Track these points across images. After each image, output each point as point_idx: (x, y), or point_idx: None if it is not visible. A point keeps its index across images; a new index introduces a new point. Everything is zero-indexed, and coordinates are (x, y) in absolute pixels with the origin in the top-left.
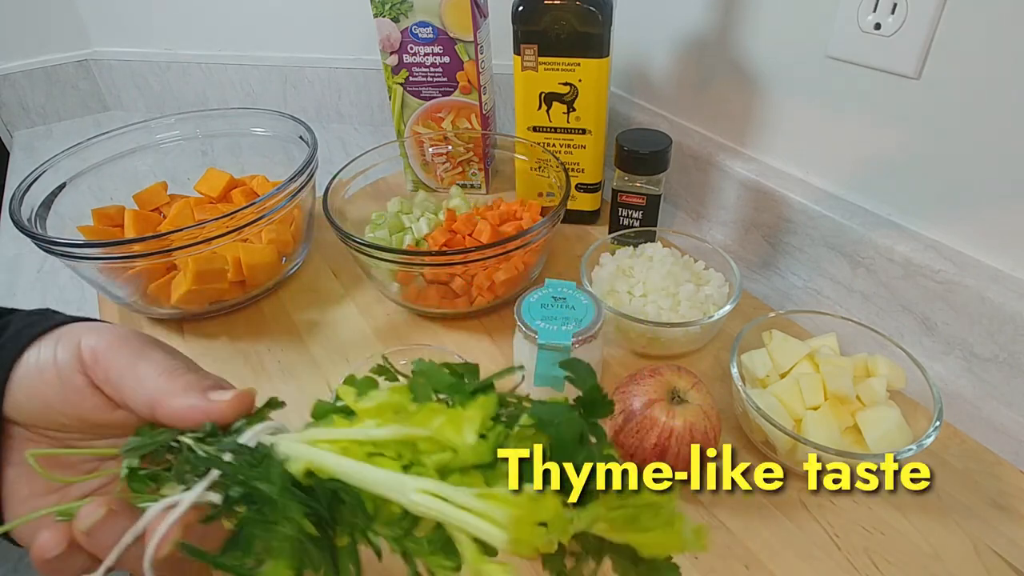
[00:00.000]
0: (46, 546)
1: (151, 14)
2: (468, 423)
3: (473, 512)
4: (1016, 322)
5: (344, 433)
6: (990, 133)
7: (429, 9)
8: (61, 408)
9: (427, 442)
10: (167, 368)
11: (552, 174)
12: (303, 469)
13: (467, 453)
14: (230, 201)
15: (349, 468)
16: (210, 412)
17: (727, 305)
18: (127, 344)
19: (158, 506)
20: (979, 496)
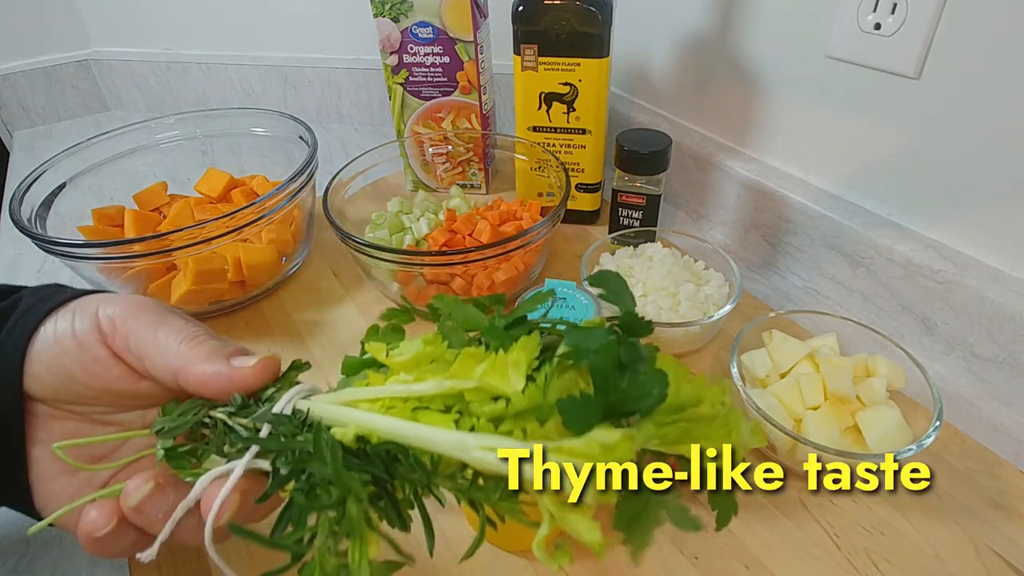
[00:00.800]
0: (96, 524)
1: (151, 14)
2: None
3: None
4: (1016, 322)
5: (384, 391)
6: (990, 133)
7: (429, 9)
8: (84, 380)
9: (474, 392)
10: (188, 334)
11: (552, 174)
12: (353, 435)
13: (519, 400)
14: (230, 201)
15: (404, 430)
16: (234, 378)
17: (727, 305)
18: (146, 312)
19: (209, 476)
20: (979, 496)
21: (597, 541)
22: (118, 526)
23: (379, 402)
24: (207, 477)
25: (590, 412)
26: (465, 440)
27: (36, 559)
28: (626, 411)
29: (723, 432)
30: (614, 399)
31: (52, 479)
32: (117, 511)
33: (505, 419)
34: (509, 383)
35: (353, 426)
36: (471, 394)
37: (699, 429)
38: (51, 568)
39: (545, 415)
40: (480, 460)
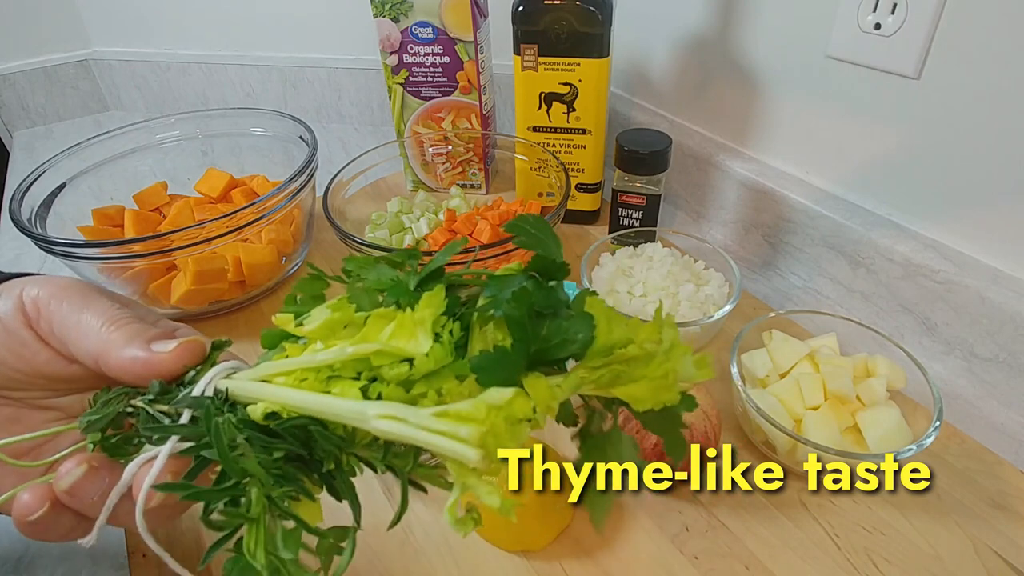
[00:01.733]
0: (28, 508)
1: (151, 14)
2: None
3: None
4: (1016, 322)
5: (296, 362)
6: (990, 133)
7: (429, 9)
8: (14, 364)
9: (380, 356)
10: (111, 317)
11: (552, 174)
12: (261, 414)
13: (423, 363)
14: (230, 201)
15: (306, 402)
16: (152, 364)
17: (727, 305)
18: (71, 293)
19: (138, 461)
20: (979, 496)
21: (496, 504)
22: (51, 510)
23: (293, 374)
24: (136, 462)
25: (507, 366)
26: (364, 409)
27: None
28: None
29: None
30: (536, 348)
31: None
32: (49, 495)
33: (415, 382)
34: (417, 343)
35: (261, 403)
36: (378, 358)
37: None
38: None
39: (465, 372)
40: (378, 429)
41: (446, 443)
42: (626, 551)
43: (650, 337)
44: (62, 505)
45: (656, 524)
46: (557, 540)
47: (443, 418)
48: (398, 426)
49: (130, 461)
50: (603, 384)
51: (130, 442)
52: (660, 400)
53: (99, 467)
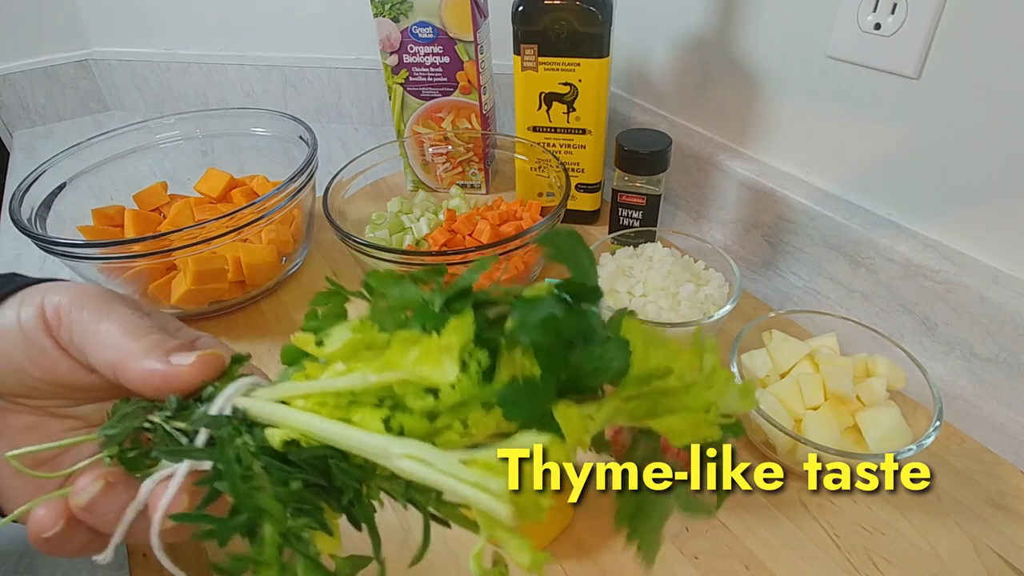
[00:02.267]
0: (43, 524)
1: (151, 14)
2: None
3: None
4: (1016, 322)
5: (316, 386)
6: (990, 133)
7: (429, 9)
8: (34, 373)
9: (404, 385)
10: (131, 327)
11: (552, 174)
12: (280, 441)
13: (450, 395)
14: (230, 201)
15: (327, 430)
16: (169, 377)
17: (727, 305)
18: (92, 301)
19: (154, 478)
20: (979, 496)
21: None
22: (67, 526)
23: (312, 398)
24: (153, 479)
25: (535, 399)
26: (388, 447)
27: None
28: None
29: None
30: (567, 377)
31: (10, 475)
32: (66, 511)
33: (440, 413)
34: (443, 371)
35: (281, 430)
36: (401, 387)
37: (672, 400)
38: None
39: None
40: (401, 469)
41: (474, 494)
42: (626, 551)
43: (690, 365)
44: (77, 521)
45: None
46: (557, 540)
47: (472, 467)
48: (423, 469)
49: (148, 476)
50: (638, 415)
51: (148, 456)
52: (700, 435)
53: (116, 483)
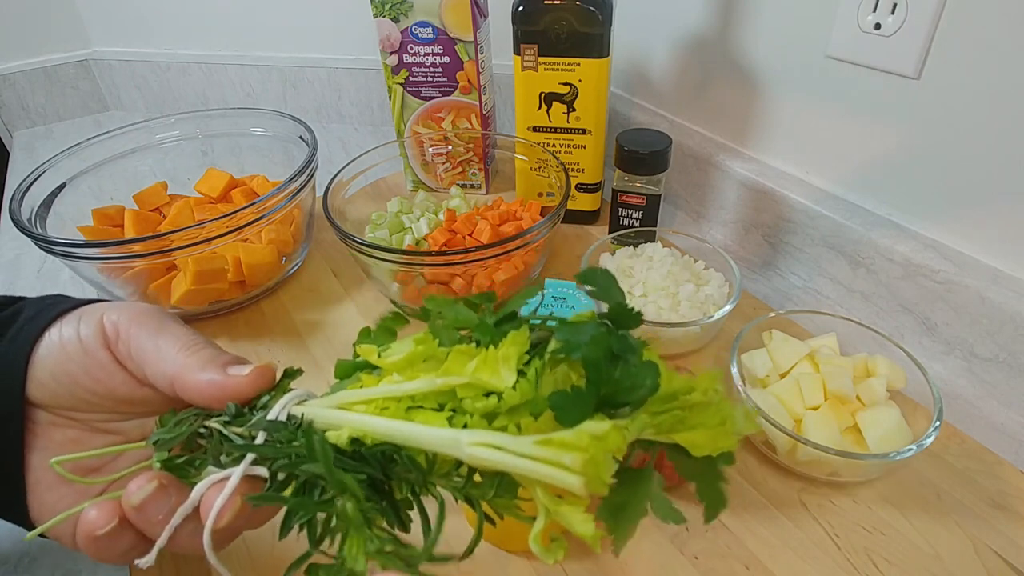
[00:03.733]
0: (96, 523)
1: (151, 14)
2: (504, 364)
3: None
4: (1016, 322)
5: (377, 391)
6: (990, 133)
7: (429, 9)
8: (88, 385)
9: (466, 389)
10: (187, 343)
11: (552, 174)
12: (347, 437)
13: (511, 396)
14: (230, 201)
15: (397, 429)
16: (227, 387)
17: (727, 305)
18: (149, 319)
19: (208, 480)
20: (979, 496)
21: (591, 533)
22: (118, 526)
23: (373, 403)
24: (207, 481)
25: (582, 405)
26: (458, 437)
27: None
28: (619, 402)
29: (717, 418)
30: (607, 391)
31: (49, 488)
32: (117, 511)
33: (498, 415)
34: (500, 378)
35: (347, 428)
36: (463, 391)
37: (693, 416)
38: (52, 568)
39: (539, 409)
40: (473, 456)
41: (548, 470)
42: (626, 551)
43: (708, 386)
44: (128, 522)
45: (656, 524)
46: None
47: (546, 446)
48: (495, 454)
49: (197, 481)
50: (664, 429)
51: (193, 465)
52: (718, 446)
53: (168, 485)
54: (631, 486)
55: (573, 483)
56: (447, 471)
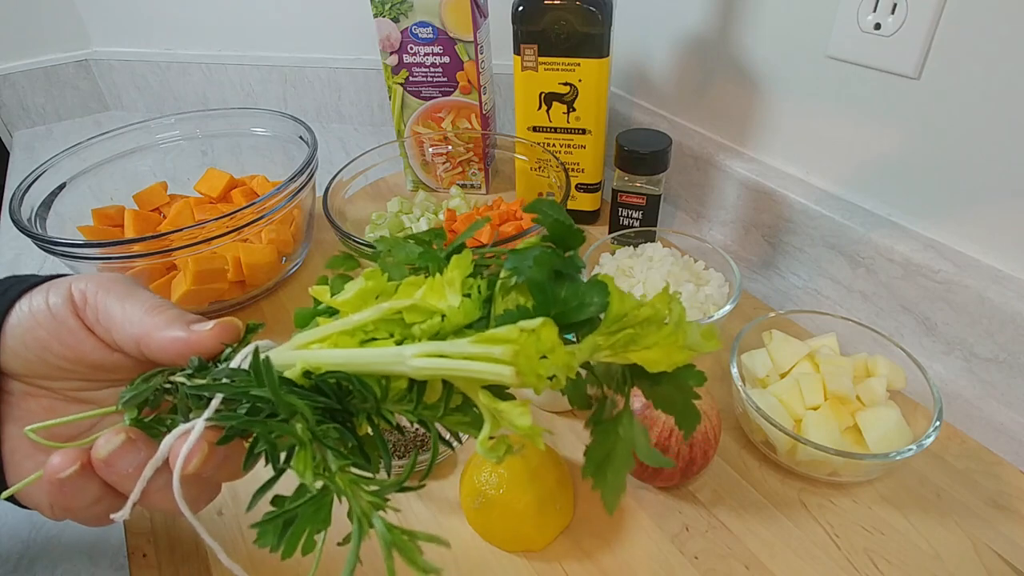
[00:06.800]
0: (57, 467)
1: (151, 14)
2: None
3: (474, 357)
4: (1016, 322)
5: (329, 328)
6: (990, 133)
7: (429, 9)
8: (59, 351)
9: (413, 312)
10: (153, 305)
11: (552, 174)
12: (299, 371)
13: (455, 315)
14: (230, 201)
15: (344, 356)
16: (191, 342)
17: (727, 305)
18: (116, 285)
19: (174, 433)
20: (979, 496)
21: (527, 425)
22: (81, 472)
23: (327, 340)
24: (174, 433)
25: None
26: (401, 351)
27: (36, 559)
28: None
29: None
30: (556, 311)
31: (26, 457)
32: (80, 457)
33: (446, 337)
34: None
35: (300, 363)
36: (410, 315)
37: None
38: (51, 568)
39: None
40: (416, 368)
41: (482, 366)
42: (626, 551)
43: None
44: (92, 471)
45: (656, 524)
46: (557, 540)
47: (479, 343)
48: (436, 360)
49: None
50: (618, 348)
51: (163, 423)
52: (673, 361)
53: (136, 439)
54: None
55: (504, 373)
56: (400, 397)
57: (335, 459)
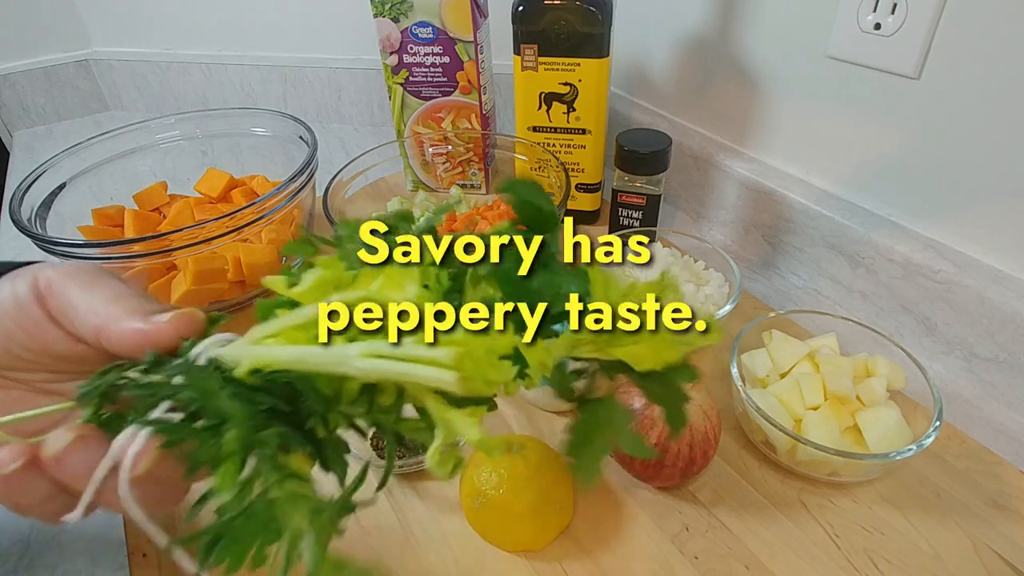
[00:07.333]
0: (2, 461)
1: (151, 14)
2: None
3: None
4: (1016, 322)
5: (283, 321)
6: (990, 133)
7: (429, 9)
8: (23, 341)
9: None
10: (115, 295)
11: (552, 174)
12: (247, 370)
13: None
14: (230, 201)
15: (288, 354)
16: (148, 334)
17: (727, 305)
18: (82, 274)
19: (125, 433)
20: (979, 496)
21: (476, 438)
22: (27, 469)
23: (281, 335)
24: (124, 434)
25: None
26: (346, 351)
27: (36, 559)
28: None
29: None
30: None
31: None
32: (26, 452)
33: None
34: (404, 292)
35: (246, 360)
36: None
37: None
38: (51, 568)
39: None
40: (360, 369)
41: (425, 370)
42: (626, 551)
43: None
44: (37, 467)
45: (656, 524)
46: (557, 540)
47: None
48: (379, 362)
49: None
50: (601, 344)
51: (123, 419)
52: (661, 359)
53: (88, 437)
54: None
55: (445, 378)
56: (354, 399)
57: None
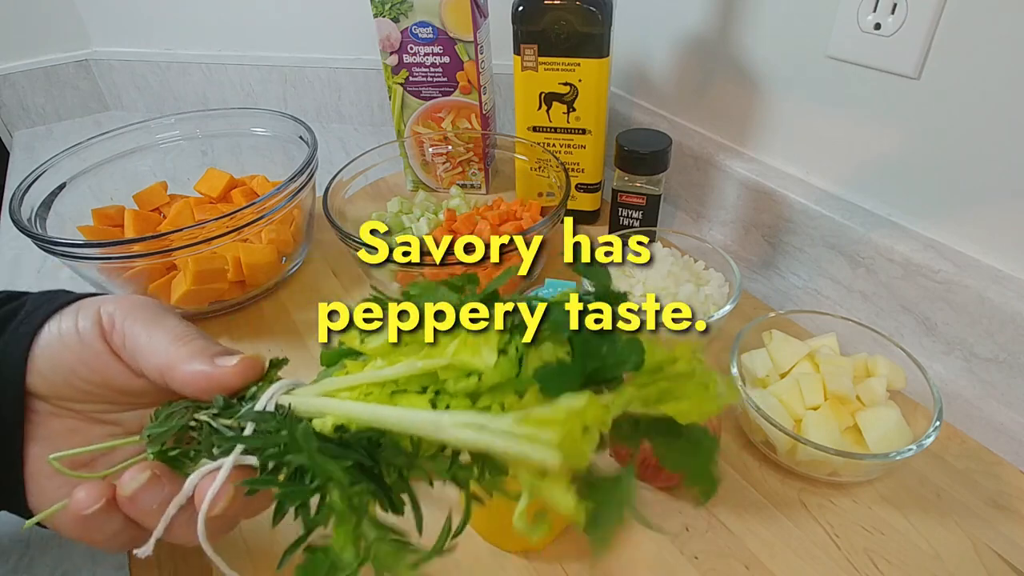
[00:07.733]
0: (82, 503)
1: (151, 14)
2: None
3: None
4: (1016, 322)
5: (360, 378)
6: (990, 133)
7: (429, 9)
8: (85, 375)
9: (447, 370)
10: (178, 334)
11: (552, 174)
12: (331, 425)
13: (491, 375)
14: (230, 201)
15: (379, 414)
16: (214, 377)
17: (727, 305)
18: (143, 311)
19: (200, 472)
20: (979, 496)
21: (571, 507)
22: (106, 508)
23: (357, 389)
24: (199, 472)
25: (568, 377)
26: (439, 419)
27: (36, 558)
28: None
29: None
30: (594, 366)
31: (48, 478)
32: (105, 493)
33: (481, 394)
34: (481, 358)
35: (331, 416)
36: (445, 372)
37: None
38: (51, 567)
39: (523, 388)
40: (454, 438)
41: (527, 448)
42: (626, 551)
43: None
44: (116, 506)
45: (656, 524)
46: (557, 540)
47: (524, 423)
48: (477, 434)
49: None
50: (650, 401)
51: (188, 456)
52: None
53: (161, 476)
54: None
55: (550, 459)
56: (433, 453)
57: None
